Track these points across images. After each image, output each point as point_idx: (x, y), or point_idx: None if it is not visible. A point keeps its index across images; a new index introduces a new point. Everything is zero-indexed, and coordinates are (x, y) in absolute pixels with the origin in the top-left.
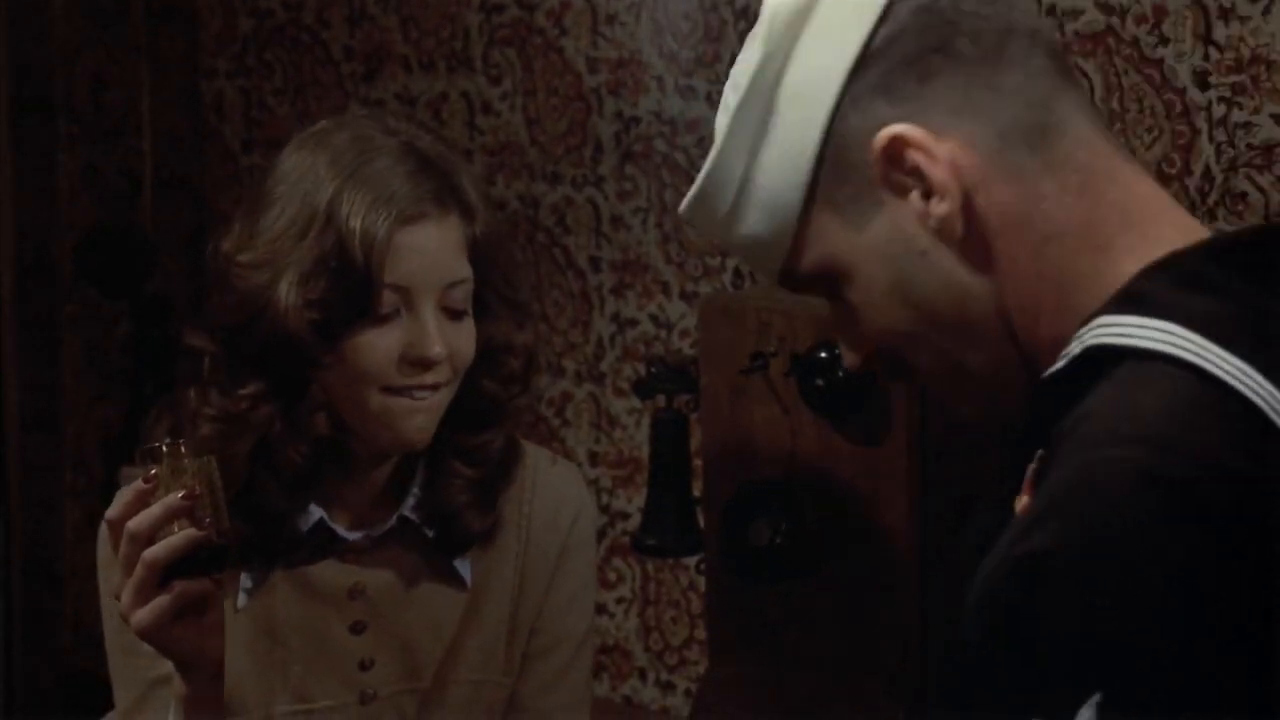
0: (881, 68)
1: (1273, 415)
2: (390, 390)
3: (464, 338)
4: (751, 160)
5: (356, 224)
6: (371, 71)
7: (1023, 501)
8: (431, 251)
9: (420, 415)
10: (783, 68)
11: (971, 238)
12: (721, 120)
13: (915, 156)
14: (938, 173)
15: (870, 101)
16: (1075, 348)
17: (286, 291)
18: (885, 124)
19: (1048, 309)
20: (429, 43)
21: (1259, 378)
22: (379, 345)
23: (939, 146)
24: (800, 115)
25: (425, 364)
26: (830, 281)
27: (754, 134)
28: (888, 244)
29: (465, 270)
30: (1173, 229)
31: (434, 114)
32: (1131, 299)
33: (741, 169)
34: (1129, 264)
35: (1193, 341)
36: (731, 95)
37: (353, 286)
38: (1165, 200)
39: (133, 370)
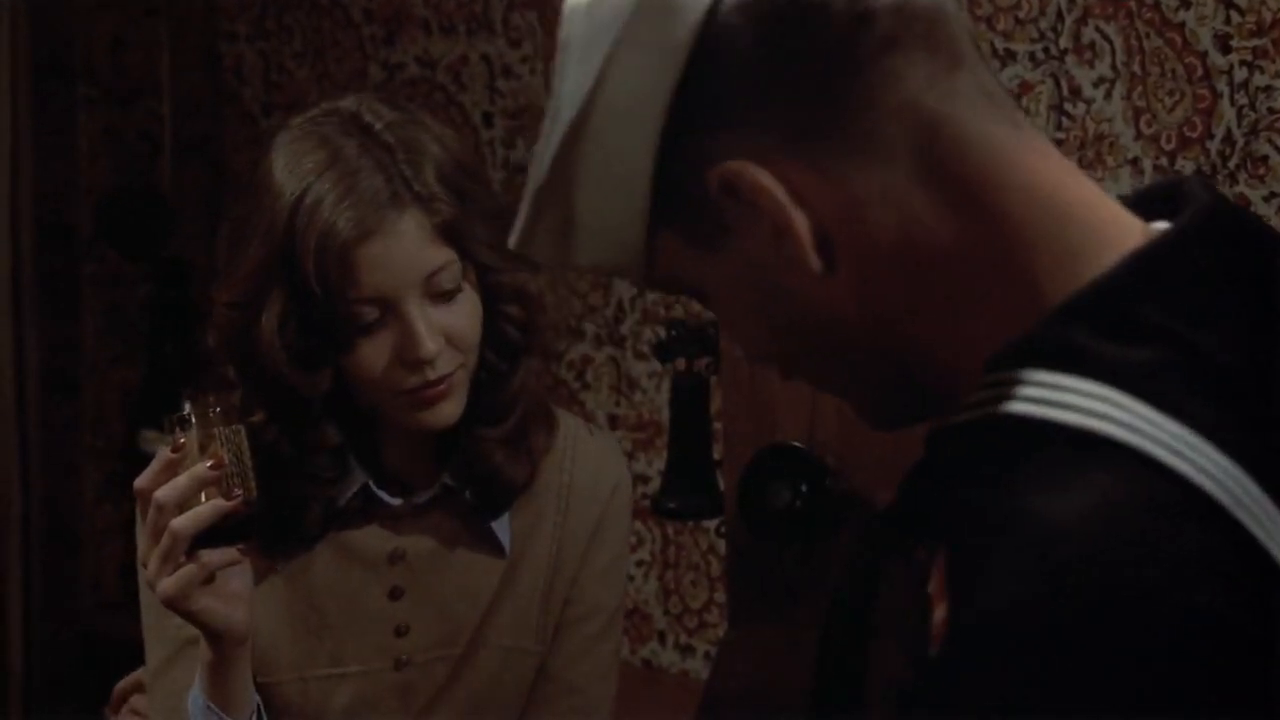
0: (711, 82)
1: (1229, 504)
2: (401, 393)
3: (462, 316)
4: (580, 193)
5: (311, 260)
6: (391, 35)
7: (939, 609)
8: (394, 258)
9: (441, 404)
10: (602, 89)
11: (834, 269)
12: (543, 151)
13: (753, 194)
14: (781, 212)
15: (701, 122)
16: (985, 398)
17: (266, 333)
18: (720, 153)
19: (940, 339)
20: (449, 5)
21: (1211, 453)
22: (372, 355)
23: (780, 180)
24: (627, 142)
25: (420, 365)
26: (691, 290)
27: (580, 164)
28: (741, 272)
29: (441, 255)
30: (1086, 223)
31: (454, 77)
32: (1052, 350)
33: (571, 203)
34: (1037, 288)
35: (1137, 417)
36: (550, 125)
37: (326, 317)
38: (1076, 184)
39: (152, 332)
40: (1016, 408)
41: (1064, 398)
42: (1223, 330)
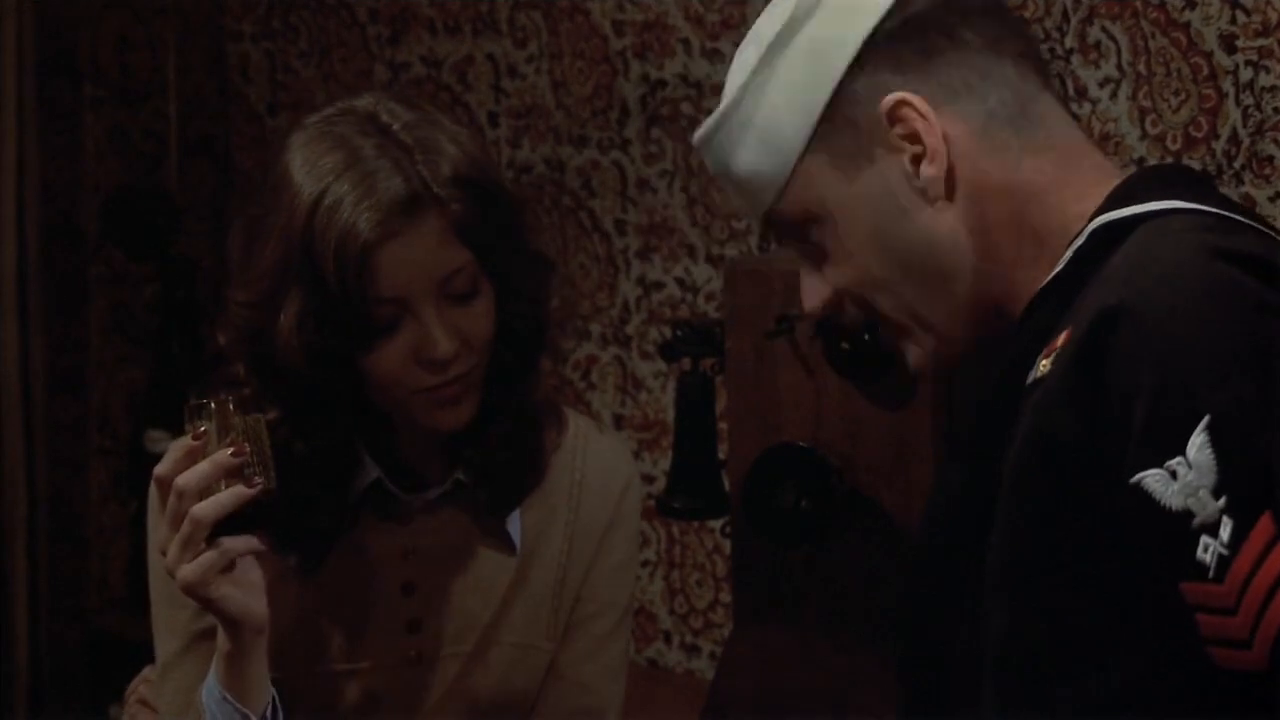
0: (893, 40)
1: (1268, 230)
2: (418, 391)
3: (477, 319)
4: (766, 104)
5: (330, 257)
6: (397, 34)
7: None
8: (413, 259)
9: (456, 404)
10: (806, 26)
11: (953, 201)
12: (741, 68)
13: (915, 121)
14: (931, 139)
15: (879, 68)
16: (1076, 243)
17: (285, 331)
18: (890, 89)
19: (1025, 259)
20: (454, 5)
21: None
22: (389, 355)
23: (935, 117)
24: (816, 70)
25: (437, 364)
26: (810, 224)
27: (772, 81)
28: (874, 197)
29: (458, 258)
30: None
31: (459, 77)
32: (1122, 197)
33: (755, 110)
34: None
35: (1197, 205)
36: (752, 47)
37: (345, 316)
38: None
39: (158, 332)
40: (1103, 221)
41: (1138, 208)
42: (1228, 203)
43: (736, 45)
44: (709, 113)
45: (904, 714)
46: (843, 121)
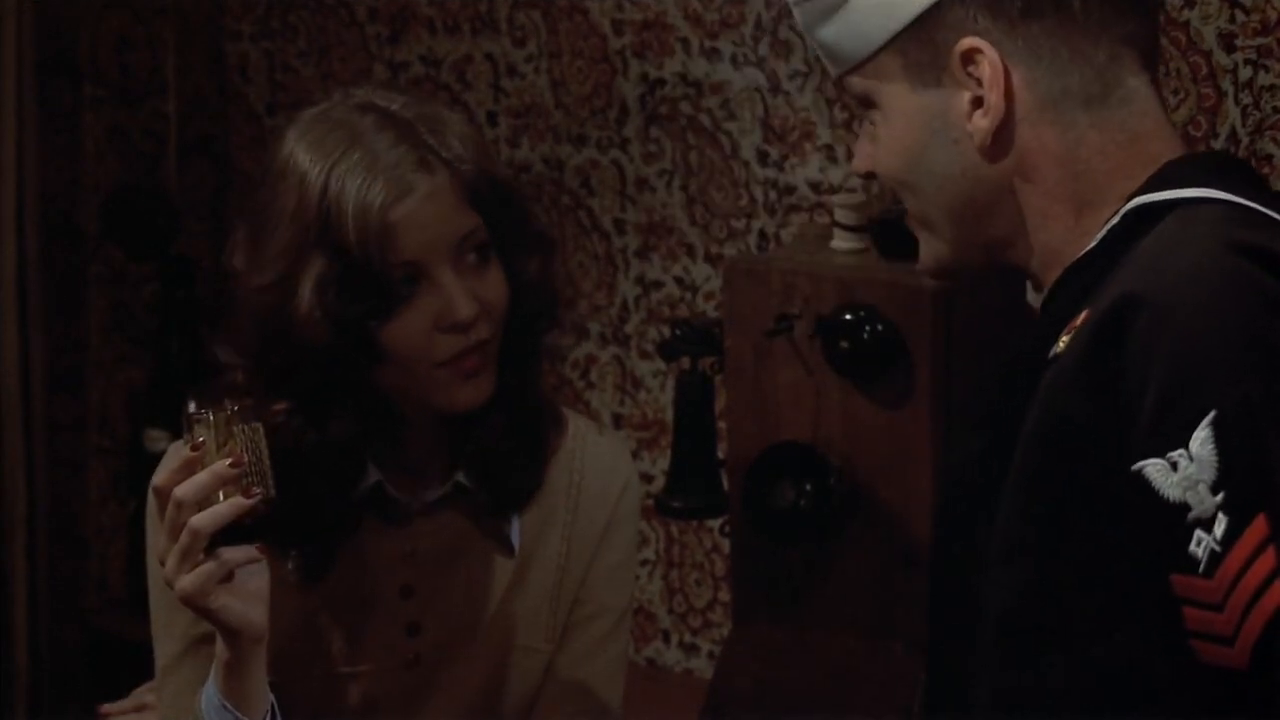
0: None
1: None
2: (442, 365)
3: (492, 285)
4: None
5: (349, 222)
6: (396, 34)
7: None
8: (429, 219)
9: (476, 378)
10: None
11: (1003, 153)
12: None
13: (984, 71)
14: (993, 94)
15: (977, 5)
16: (1111, 222)
17: (304, 304)
18: (978, 32)
19: (1062, 228)
20: (454, 4)
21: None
22: (411, 324)
23: (1005, 75)
24: None
25: (460, 328)
26: (871, 105)
27: None
28: (929, 115)
29: (470, 220)
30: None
31: (459, 76)
32: (1161, 181)
33: None
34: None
35: (1230, 193)
36: None
37: (365, 282)
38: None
39: (158, 331)
40: (1139, 203)
41: (1174, 192)
42: (1265, 195)
43: (736, 45)
44: (708, 112)
45: (930, 683)
46: (926, 38)
